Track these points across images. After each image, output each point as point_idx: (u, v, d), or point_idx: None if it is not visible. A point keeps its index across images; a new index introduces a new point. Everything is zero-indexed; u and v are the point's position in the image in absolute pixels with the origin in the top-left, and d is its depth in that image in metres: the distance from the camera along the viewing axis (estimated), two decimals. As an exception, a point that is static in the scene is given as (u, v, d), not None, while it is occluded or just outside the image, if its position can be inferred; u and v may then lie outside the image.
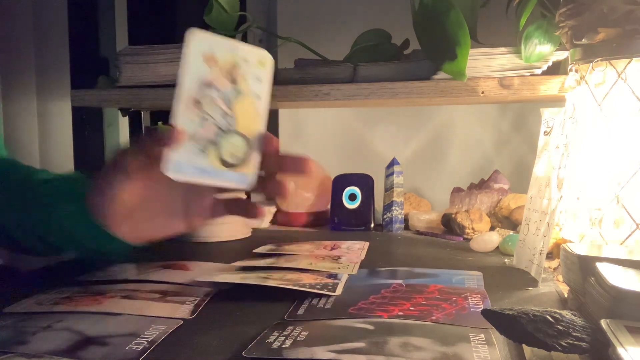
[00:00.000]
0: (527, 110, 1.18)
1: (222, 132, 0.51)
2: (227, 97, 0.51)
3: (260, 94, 0.52)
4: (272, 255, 0.78)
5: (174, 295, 0.59)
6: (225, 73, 0.50)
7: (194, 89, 0.49)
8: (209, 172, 0.50)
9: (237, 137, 0.51)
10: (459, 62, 0.80)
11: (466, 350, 0.43)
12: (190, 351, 0.45)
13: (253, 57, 0.51)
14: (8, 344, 0.45)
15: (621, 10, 0.63)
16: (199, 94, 0.50)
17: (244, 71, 0.51)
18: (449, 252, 0.84)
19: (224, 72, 0.50)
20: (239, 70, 0.51)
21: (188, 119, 0.49)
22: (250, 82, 0.51)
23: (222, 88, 0.50)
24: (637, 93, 0.64)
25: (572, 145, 0.68)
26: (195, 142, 0.50)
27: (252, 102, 0.52)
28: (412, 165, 1.21)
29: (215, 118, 0.50)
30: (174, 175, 0.49)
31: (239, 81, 0.51)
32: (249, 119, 0.52)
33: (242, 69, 0.51)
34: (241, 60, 0.51)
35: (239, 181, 0.52)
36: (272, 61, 0.52)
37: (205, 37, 0.49)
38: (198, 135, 0.50)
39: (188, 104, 0.49)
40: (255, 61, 0.52)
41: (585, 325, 0.41)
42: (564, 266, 0.55)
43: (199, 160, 0.50)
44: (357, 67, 0.91)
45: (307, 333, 0.46)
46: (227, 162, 0.51)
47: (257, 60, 0.52)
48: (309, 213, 1.10)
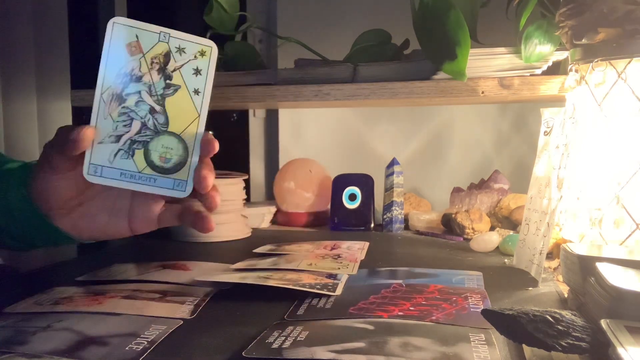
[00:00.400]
0: (527, 110, 1.18)
1: (150, 132, 0.46)
2: (156, 91, 0.46)
3: (199, 88, 0.46)
4: (272, 255, 0.78)
5: (174, 295, 0.59)
6: (154, 64, 0.45)
7: (115, 83, 0.45)
8: (135, 176, 0.46)
9: (169, 138, 0.46)
10: (459, 62, 0.80)
11: (466, 350, 0.43)
12: (190, 351, 0.45)
13: (191, 47, 0.46)
14: (8, 344, 0.45)
15: (621, 10, 0.63)
16: (122, 88, 0.45)
17: (178, 62, 0.46)
18: (449, 252, 0.84)
19: (153, 63, 0.45)
20: (172, 61, 0.46)
21: (107, 116, 0.45)
22: (185, 75, 0.46)
23: (149, 81, 0.45)
24: (637, 93, 0.64)
25: (572, 145, 0.68)
26: (117, 143, 0.45)
27: (188, 97, 0.46)
28: (412, 165, 1.21)
29: (142, 116, 0.45)
30: (92, 178, 0.45)
31: (172, 73, 0.46)
32: (184, 117, 0.46)
33: (177, 60, 0.46)
34: (175, 50, 0.46)
35: (172, 189, 0.46)
36: (215, 51, 0.47)
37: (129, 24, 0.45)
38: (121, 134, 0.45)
39: (107, 100, 0.45)
40: (195, 51, 0.46)
41: (585, 325, 0.41)
42: (564, 266, 0.55)
43: (123, 163, 0.45)
44: (357, 67, 0.91)
45: (307, 333, 0.46)
46: (159, 166, 0.46)
47: (196, 50, 0.46)
48: (309, 213, 1.10)
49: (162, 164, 0.46)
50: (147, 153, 0.46)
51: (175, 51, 0.46)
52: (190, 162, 0.47)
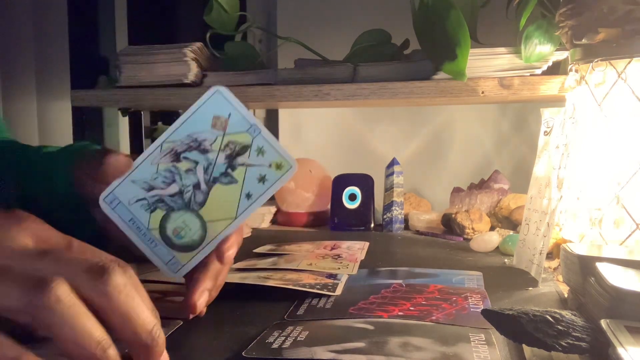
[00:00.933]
0: (527, 110, 1.18)
1: (182, 203, 0.44)
2: (212, 173, 0.43)
3: (253, 194, 0.44)
4: (272, 255, 0.78)
5: (174, 295, 0.59)
6: (227, 148, 0.43)
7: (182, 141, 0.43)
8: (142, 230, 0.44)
9: (194, 219, 0.44)
10: (459, 62, 0.80)
11: (466, 350, 0.43)
12: (190, 351, 0.45)
13: (272, 155, 0.44)
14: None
15: (621, 10, 0.63)
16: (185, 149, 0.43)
17: (250, 161, 0.43)
18: (449, 252, 0.84)
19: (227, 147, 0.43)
20: (246, 156, 0.43)
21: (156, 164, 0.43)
22: (249, 176, 0.43)
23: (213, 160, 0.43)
24: (637, 93, 0.64)
25: (572, 145, 0.68)
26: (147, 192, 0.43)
27: (237, 196, 0.44)
28: (412, 165, 1.21)
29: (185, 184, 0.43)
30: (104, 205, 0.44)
31: (238, 167, 0.44)
32: (221, 211, 0.44)
33: (251, 157, 0.43)
34: (256, 148, 0.43)
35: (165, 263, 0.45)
36: (293, 171, 0.44)
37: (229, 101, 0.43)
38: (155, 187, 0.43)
39: (165, 150, 0.43)
40: (273, 160, 0.44)
41: (585, 325, 0.41)
42: (564, 266, 0.55)
43: (139, 212, 0.43)
44: (357, 67, 0.91)
45: (307, 333, 0.46)
46: (168, 236, 0.44)
47: (274, 160, 0.44)
48: (309, 213, 1.10)
49: (171, 236, 0.44)
50: (165, 218, 0.44)
51: (254, 149, 0.44)
52: (197, 254, 0.45)
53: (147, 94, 0.96)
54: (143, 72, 0.96)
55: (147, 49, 0.96)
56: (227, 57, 1.00)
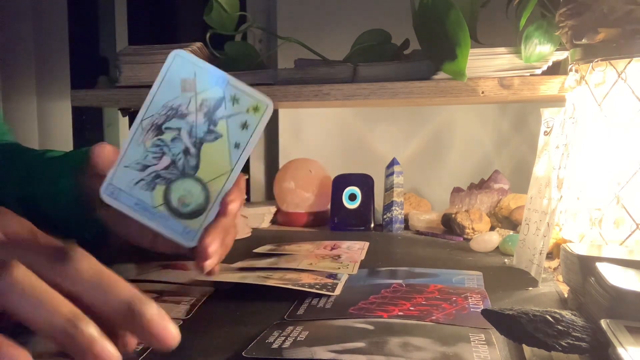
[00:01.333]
0: (527, 110, 1.18)
1: (177, 172, 0.44)
2: (196, 134, 0.44)
3: (240, 143, 0.44)
4: (272, 255, 0.78)
5: (171, 295, 0.59)
6: (202, 106, 0.44)
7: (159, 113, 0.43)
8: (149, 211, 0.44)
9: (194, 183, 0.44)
10: (459, 62, 0.80)
11: (466, 350, 0.43)
12: (190, 351, 0.44)
13: (245, 100, 0.44)
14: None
15: (621, 10, 0.63)
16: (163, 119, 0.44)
17: (228, 111, 0.44)
18: (449, 252, 0.84)
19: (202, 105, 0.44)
20: (222, 108, 0.44)
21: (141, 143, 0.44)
22: (231, 126, 0.44)
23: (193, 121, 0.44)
24: (637, 93, 0.64)
25: (572, 145, 0.68)
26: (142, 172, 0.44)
27: (226, 148, 0.44)
28: (412, 165, 1.21)
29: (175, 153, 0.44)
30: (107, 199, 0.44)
31: (218, 121, 0.44)
32: (216, 167, 0.44)
33: (227, 108, 0.44)
34: (229, 99, 0.44)
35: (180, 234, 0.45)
36: (270, 109, 0.44)
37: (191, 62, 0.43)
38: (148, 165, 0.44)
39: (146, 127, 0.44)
40: (249, 104, 0.44)
41: (585, 325, 0.41)
42: (564, 266, 0.55)
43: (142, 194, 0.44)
44: (357, 67, 0.91)
45: (307, 333, 0.46)
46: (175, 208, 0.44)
47: (250, 104, 0.44)
48: (309, 213, 1.10)
49: (178, 207, 0.45)
50: (167, 191, 0.44)
51: (228, 99, 0.44)
52: (207, 215, 0.45)
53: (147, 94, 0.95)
54: (143, 72, 0.95)
55: (147, 49, 0.96)
56: (227, 57, 1.00)
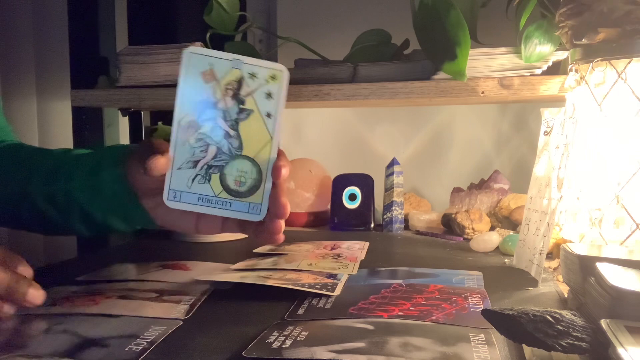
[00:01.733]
0: (527, 110, 1.18)
1: (226, 157, 0.47)
2: (230, 117, 0.46)
3: (271, 112, 0.47)
4: (272, 255, 0.78)
5: (171, 294, 0.59)
6: (228, 90, 0.46)
7: (191, 110, 0.46)
8: (213, 201, 0.46)
9: (243, 161, 0.47)
10: (459, 62, 0.80)
11: (466, 350, 0.43)
12: (190, 351, 0.45)
13: (262, 72, 0.47)
14: (8, 347, 0.45)
15: (621, 10, 0.63)
16: (198, 114, 0.46)
17: (251, 87, 0.46)
18: (449, 252, 0.84)
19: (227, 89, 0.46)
20: (245, 86, 0.46)
21: (185, 142, 0.46)
22: (258, 99, 0.47)
23: (224, 107, 0.46)
24: (637, 93, 0.64)
25: (572, 145, 0.68)
26: (195, 168, 0.46)
27: (260, 121, 0.47)
28: (412, 165, 1.21)
29: (218, 141, 0.46)
30: (171, 204, 0.46)
31: (245, 98, 0.47)
32: (258, 141, 0.47)
33: (249, 85, 0.46)
34: (247, 76, 0.46)
35: (247, 212, 0.47)
36: (286, 74, 0.48)
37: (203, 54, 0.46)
38: (198, 160, 0.46)
39: (185, 126, 0.46)
40: (266, 75, 0.47)
41: (585, 325, 0.41)
42: (564, 266, 0.55)
43: (201, 187, 0.46)
44: (357, 67, 0.91)
45: (307, 333, 0.46)
46: (234, 190, 0.47)
47: (267, 75, 0.47)
48: (309, 213, 1.10)
49: (237, 188, 0.47)
50: (222, 177, 0.47)
51: (247, 77, 0.47)
52: (265, 186, 0.47)
53: (147, 94, 0.96)
54: (143, 72, 0.95)
55: (147, 49, 0.96)
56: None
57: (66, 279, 0.65)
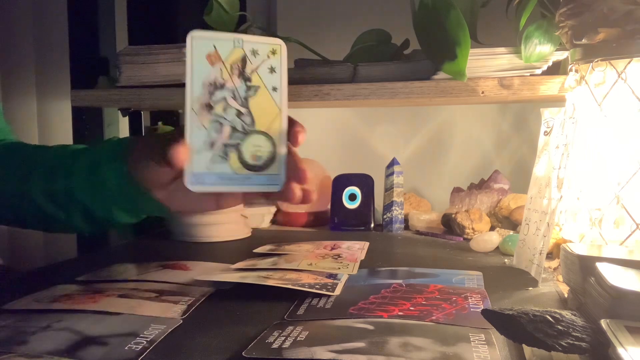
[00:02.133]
0: (527, 110, 1.18)
1: (240, 134, 0.48)
2: (240, 94, 0.48)
3: (276, 85, 0.49)
4: (272, 255, 0.78)
5: (170, 294, 0.59)
6: (233, 70, 0.48)
7: (202, 93, 0.47)
8: (233, 178, 0.48)
9: (257, 136, 0.48)
10: (459, 62, 0.80)
11: (466, 350, 0.43)
12: (190, 351, 0.45)
13: (263, 48, 0.49)
14: (8, 344, 0.45)
15: (621, 10, 0.63)
16: (209, 97, 0.47)
17: (254, 64, 0.48)
18: (449, 252, 0.84)
19: (233, 68, 0.48)
20: (249, 63, 0.48)
21: (200, 126, 0.47)
22: (263, 75, 0.49)
23: (232, 86, 0.48)
24: (637, 93, 0.64)
25: (572, 145, 0.68)
26: (213, 149, 0.47)
27: (268, 95, 0.49)
28: (412, 165, 1.21)
29: (231, 119, 0.48)
30: (195, 187, 0.47)
31: (251, 75, 0.48)
32: (268, 115, 0.49)
33: (252, 62, 0.48)
34: (250, 53, 0.48)
35: (267, 184, 0.49)
36: (284, 48, 0.50)
37: (206, 37, 0.47)
38: (215, 141, 0.47)
39: (198, 110, 0.47)
40: (267, 51, 0.49)
41: (585, 325, 0.41)
42: (564, 266, 0.55)
43: (220, 167, 0.47)
44: (357, 67, 0.91)
45: (307, 333, 0.46)
46: (252, 165, 0.48)
47: (268, 50, 0.49)
48: (309, 213, 1.10)
49: (254, 162, 0.48)
50: (240, 154, 0.48)
51: (250, 54, 0.48)
52: (280, 156, 0.49)
53: (147, 94, 0.96)
54: (143, 72, 0.95)
55: (147, 49, 0.96)
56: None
57: (66, 279, 0.65)
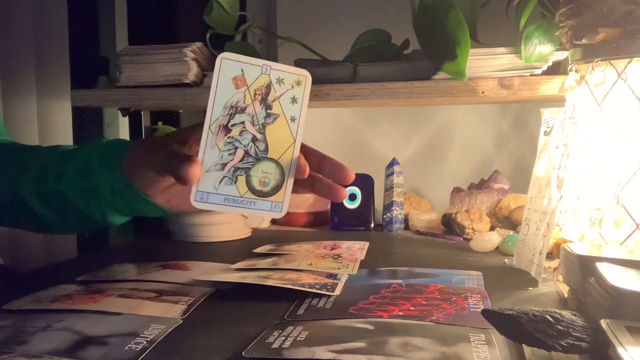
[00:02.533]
0: (527, 110, 1.18)
1: (252, 159, 0.49)
2: (258, 121, 0.48)
3: (295, 116, 0.49)
4: (272, 255, 0.78)
5: (170, 294, 0.59)
6: (256, 95, 0.48)
7: (222, 114, 0.48)
8: (237, 201, 0.48)
9: (268, 163, 0.49)
10: (459, 62, 0.80)
11: (466, 350, 0.43)
12: (190, 351, 0.45)
13: (289, 77, 0.49)
14: (8, 344, 0.45)
15: (621, 10, 0.63)
16: (228, 119, 0.48)
17: (278, 93, 0.49)
18: (449, 252, 0.84)
19: (256, 94, 0.48)
20: (273, 91, 0.49)
21: (215, 146, 0.48)
22: (284, 104, 0.49)
23: (252, 112, 0.48)
24: (637, 93, 0.64)
25: (572, 145, 0.68)
26: (222, 171, 0.48)
27: (285, 125, 0.49)
28: (412, 165, 1.21)
29: (245, 144, 0.48)
30: (198, 204, 0.48)
31: (272, 103, 0.49)
32: (282, 144, 0.49)
33: (276, 90, 0.49)
34: (275, 81, 0.49)
35: (270, 211, 0.49)
36: (309, 80, 0.50)
37: (235, 59, 0.48)
38: (226, 163, 0.48)
39: (215, 130, 0.48)
40: (292, 81, 0.49)
41: (585, 325, 0.41)
42: (564, 266, 0.55)
43: (227, 189, 0.48)
44: (357, 67, 0.91)
45: (307, 333, 0.46)
46: (258, 190, 0.49)
47: (293, 80, 0.49)
48: (309, 213, 1.10)
49: (261, 189, 0.49)
50: (248, 179, 0.49)
51: (275, 82, 0.49)
52: (287, 185, 0.50)
53: (147, 94, 0.95)
54: (143, 72, 0.95)
55: (147, 49, 0.96)
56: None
57: (66, 279, 0.65)
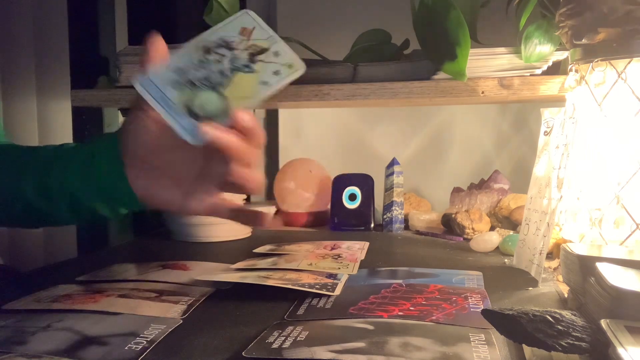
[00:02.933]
0: (527, 110, 1.18)
1: (208, 85, 0.50)
2: (236, 64, 0.51)
3: (267, 83, 0.51)
4: (272, 255, 0.78)
5: (170, 294, 0.59)
6: (250, 48, 0.51)
7: (215, 41, 0.51)
8: (170, 106, 0.49)
9: (217, 97, 0.50)
10: (459, 62, 0.80)
11: (466, 350, 0.43)
12: (190, 351, 0.45)
13: (285, 56, 0.51)
14: (8, 344, 0.45)
15: (621, 10, 0.63)
16: (215, 46, 0.51)
17: (267, 59, 0.51)
18: (449, 252, 0.84)
19: (249, 47, 0.51)
20: (264, 55, 0.51)
21: (190, 55, 0.50)
22: (266, 69, 0.51)
23: (237, 56, 0.51)
24: (637, 93, 0.64)
25: (572, 145, 0.68)
26: (178, 76, 0.50)
27: (255, 82, 0.51)
28: (412, 165, 1.21)
29: (212, 69, 0.50)
30: (139, 87, 0.50)
31: (257, 61, 0.51)
32: (241, 92, 0.51)
33: (268, 57, 0.51)
34: (272, 51, 0.51)
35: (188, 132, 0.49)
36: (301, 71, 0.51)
37: (254, 17, 0.52)
38: (187, 72, 0.50)
39: (199, 46, 0.51)
40: (286, 61, 0.51)
41: (585, 325, 0.41)
42: (564, 266, 0.55)
43: (169, 90, 0.50)
44: (357, 67, 0.91)
45: (307, 333, 0.46)
46: (193, 111, 0.50)
47: (287, 61, 0.51)
48: (309, 213, 1.10)
49: (198, 111, 0.50)
50: (192, 96, 0.50)
51: (272, 52, 0.51)
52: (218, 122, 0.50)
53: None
54: (143, 72, 0.95)
55: (147, 49, 0.95)
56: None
57: (66, 279, 0.65)
